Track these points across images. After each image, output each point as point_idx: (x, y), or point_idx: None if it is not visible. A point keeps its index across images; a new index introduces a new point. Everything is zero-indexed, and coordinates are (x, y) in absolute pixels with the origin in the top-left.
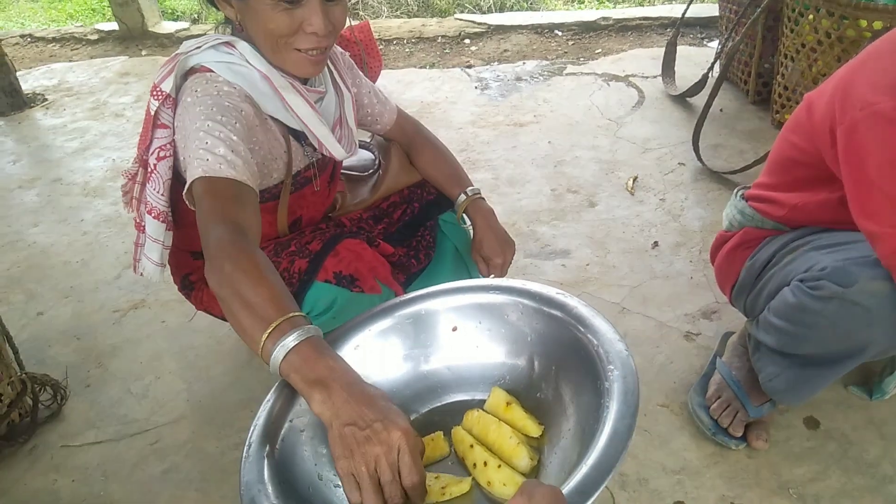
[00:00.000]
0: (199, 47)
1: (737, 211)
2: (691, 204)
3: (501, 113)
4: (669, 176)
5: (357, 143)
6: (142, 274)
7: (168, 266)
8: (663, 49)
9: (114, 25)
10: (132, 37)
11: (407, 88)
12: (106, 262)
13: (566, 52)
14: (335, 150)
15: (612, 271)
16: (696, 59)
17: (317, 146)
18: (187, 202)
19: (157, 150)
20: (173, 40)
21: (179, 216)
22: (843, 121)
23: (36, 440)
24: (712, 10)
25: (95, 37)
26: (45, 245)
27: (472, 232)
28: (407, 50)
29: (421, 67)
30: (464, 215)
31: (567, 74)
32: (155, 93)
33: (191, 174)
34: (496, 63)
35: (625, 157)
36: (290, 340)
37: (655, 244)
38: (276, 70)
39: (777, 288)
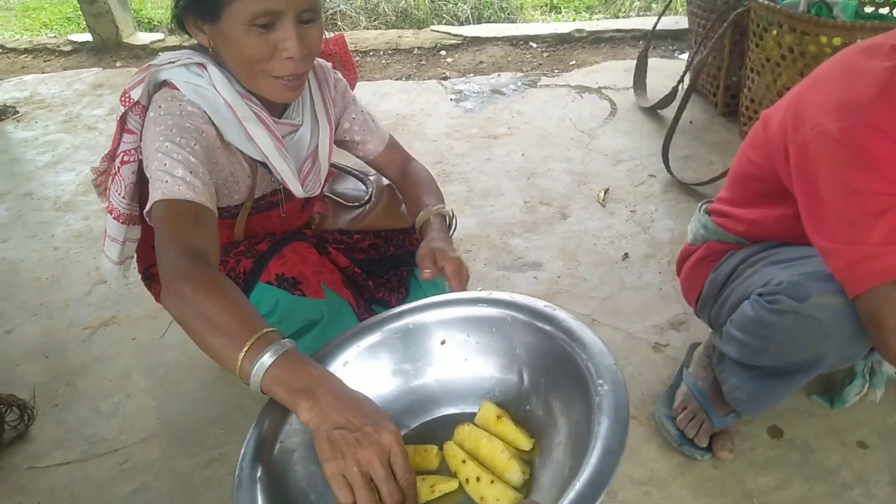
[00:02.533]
0: (172, 62)
1: (700, 225)
2: (661, 215)
3: (476, 125)
4: (640, 188)
5: (323, 182)
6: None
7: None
8: (635, 61)
9: (87, 37)
10: (106, 48)
11: (383, 100)
12: (76, 278)
13: (541, 64)
14: (294, 187)
15: (583, 283)
16: (668, 72)
17: (279, 179)
18: (147, 220)
19: (122, 154)
20: (148, 52)
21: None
22: (794, 139)
23: (1, 462)
24: (683, 22)
25: (69, 48)
26: (14, 261)
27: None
28: (383, 62)
29: (397, 79)
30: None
31: (541, 86)
32: (124, 98)
33: (152, 195)
34: (472, 75)
35: (597, 169)
36: (268, 357)
37: (626, 256)
38: (242, 100)
39: (738, 301)
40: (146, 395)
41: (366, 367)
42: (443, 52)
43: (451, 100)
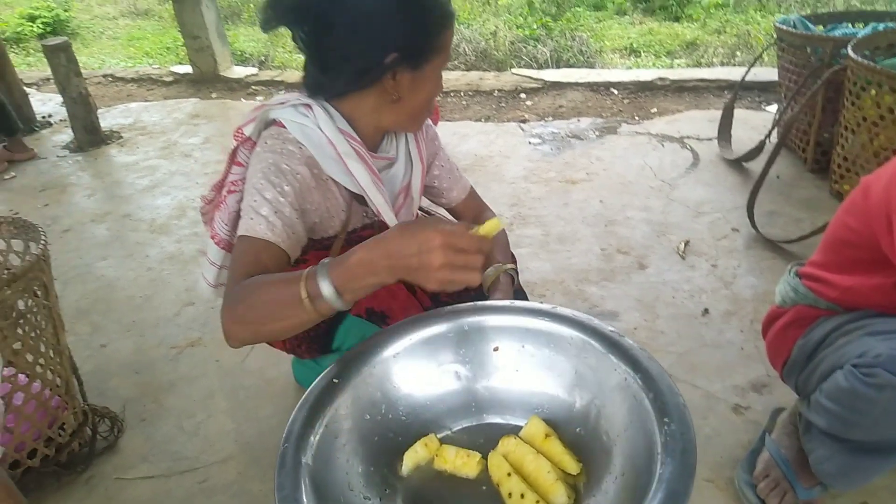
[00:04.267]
0: (282, 103)
1: (790, 288)
2: (744, 272)
3: (554, 169)
4: (722, 242)
5: (417, 213)
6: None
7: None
8: (720, 111)
9: (188, 69)
10: (204, 80)
11: (462, 141)
12: (167, 298)
13: (621, 111)
14: (389, 218)
15: (661, 336)
16: (754, 123)
17: (375, 211)
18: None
19: (229, 184)
20: (242, 84)
21: None
22: None
23: (93, 470)
24: (771, 74)
25: (170, 78)
26: (111, 279)
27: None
28: (464, 102)
29: (476, 120)
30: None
31: (621, 133)
32: (237, 134)
33: (239, 227)
34: (551, 119)
35: (677, 220)
36: (322, 273)
37: (706, 311)
38: (343, 137)
39: (830, 370)
40: (226, 417)
41: (415, 362)
42: (522, 95)
43: (529, 143)
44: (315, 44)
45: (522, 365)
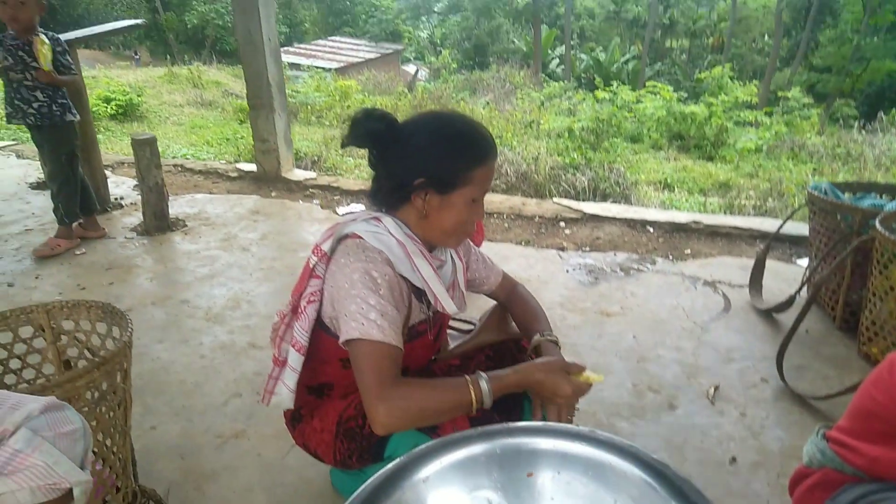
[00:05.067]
0: (354, 219)
1: (817, 450)
2: (772, 423)
3: (590, 299)
4: (751, 391)
5: (466, 303)
6: (268, 403)
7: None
8: (751, 259)
9: (253, 167)
10: (266, 179)
11: (503, 262)
12: (217, 387)
13: (656, 249)
14: (448, 305)
15: None
16: (784, 275)
17: (433, 301)
18: (343, 347)
19: (308, 295)
20: (301, 186)
21: (307, 352)
22: None
23: None
24: (802, 228)
25: (235, 174)
26: (166, 362)
27: None
28: (506, 225)
29: (517, 243)
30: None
31: (656, 271)
32: (316, 251)
33: (347, 331)
34: (588, 249)
35: (707, 364)
36: (483, 381)
37: (733, 460)
38: (410, 240)
39: None
40: None
41: (445, 487)
42: (562, 224)
43: (567, 271)
44: (376, 163)
45: (557, 493)
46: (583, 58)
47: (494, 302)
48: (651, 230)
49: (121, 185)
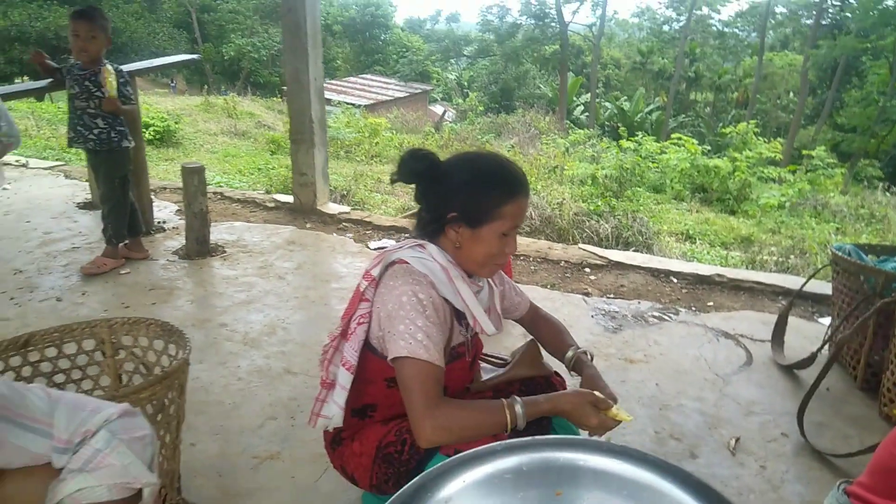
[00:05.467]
0: (400, 247)
1: None
2: (792, 478)
3: (614, 346)
4: (772, 444)
5: (502, 325)
6: (315, 425)
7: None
8: (773, 314)
9: (289, 199)
10: (302, 211)
11: None
12: (252, 409)
13: (679, 299)
14: (486, 326)
15: None
16: (806, 333)
17: (472, 323)
18: (391, 364)
19: (358, 317)
20: (335, 220)
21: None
22: None
23: None
24: (824, 287)
25: (272, 205)
26: (205, 382)
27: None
28: (532, 267)
29: (543, 286)
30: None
31: (679, 321)
32: (366, 276)
33: (395, 349)
34: (612, 296)
35: (728, 416)
36: (518, 405)
37: None
38: (452, 265)
39: None
40: None
41: None
42: (587, 269)
43: (591, 316)
44: (420, 197)
45: None
46: (607, 106)
47: (519, 340)
48: (674, 281)
49: (163, 210)
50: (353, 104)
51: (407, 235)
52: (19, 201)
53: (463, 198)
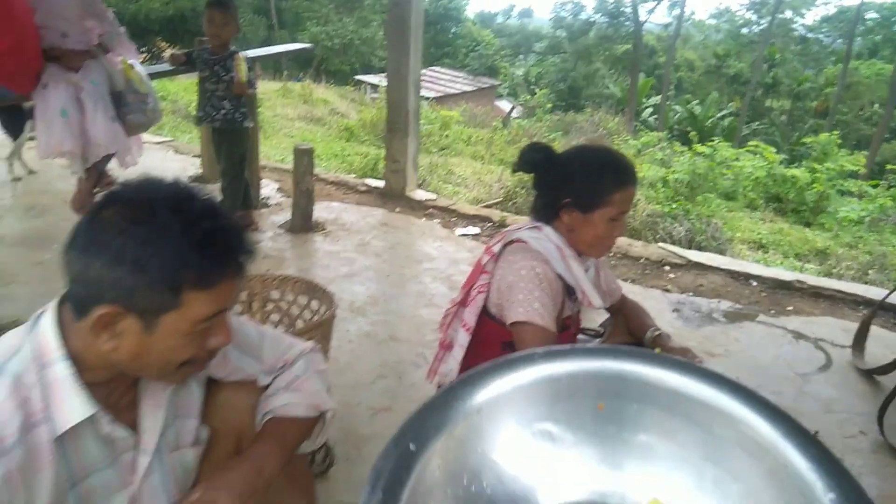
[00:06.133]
0: (519, 228)
1: None
2: (868, 472)
3: (694, 339)
4: (849, 440)
5: (608, 300)
6: (432, 380)
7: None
8: (854, 322)
9: (380, 184)
10: (392, 196)
11: None
12: (364, 368)
13: (758, 302)
14: (595, 299)
15: None
16: (888, 342)
17: (580, 297)
18: (509, 329)
19: (479, 287)
20: (422, 206)
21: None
22: None
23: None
24: None
25: (364, 188)
26: None
27: None
28: (612, 262)
29: (623, 280)
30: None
31: (758, 322)
32: (488, 251)
33: (514, 315)
34: (691, 294)
35: (807, 411)
36: None
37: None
38: (566, 246)
39: None
40: None
41: (502, 420)
42: (666, 268)
43: (672, 311)
44: (536, 185)
45: (637, 430)
46: (677, 109)
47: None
48: (753, 284)
49: (265, 188)
50: (422, 96)
51: (490, 224)
52: (137, 173)
53: (577, 185)
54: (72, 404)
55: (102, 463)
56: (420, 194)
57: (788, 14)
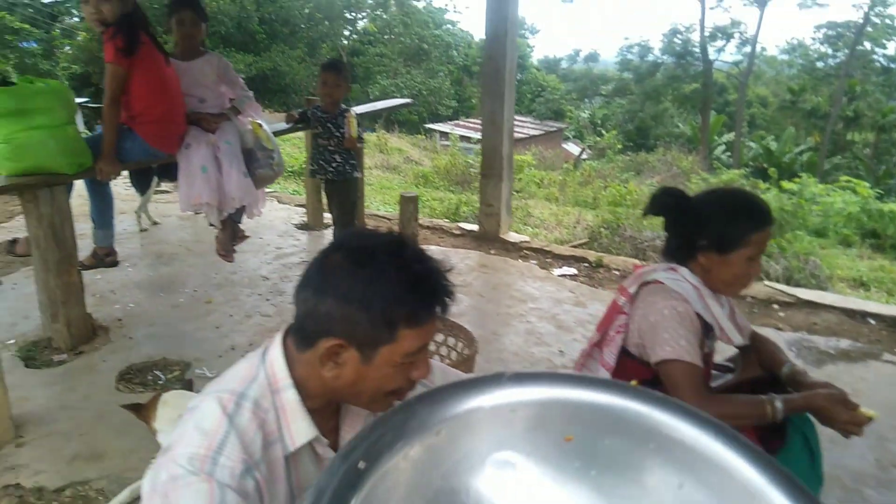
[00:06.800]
0: (654, 270)
1: None
2: None
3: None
4: None
5: (747, 336)
6: None
7: None
8: None
9: (474, 227)
10: (486, 238)
11: None
12: None
13: (879, 340)
14: (734, 336)
15: None
16: None
17: (719, 334)
18: (655, 367)
19: (616, 327)
20: (516, 248)
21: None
22: None
23: None
24: None
25: (458, 232)
26: None
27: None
28: None
29: None
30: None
31: (884, 361)
32: (623, 292)
33: (661, 353)
34: (805, 332)
35: None
36: (778, 401)
37: None
38: (703, 285)
39: None
40: None
41: (462, 443)
42: (775, 306)
43: (788, 349)
44: (669, 227)
45: (607, 468)
46: (751, 146)
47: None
48: (872, 322)
49: None
50: None
51: (587, 265)
52: (250, 221)
53: (714, 227)
54: (299, 427)
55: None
56: (514, 236)
57: (867, 46)
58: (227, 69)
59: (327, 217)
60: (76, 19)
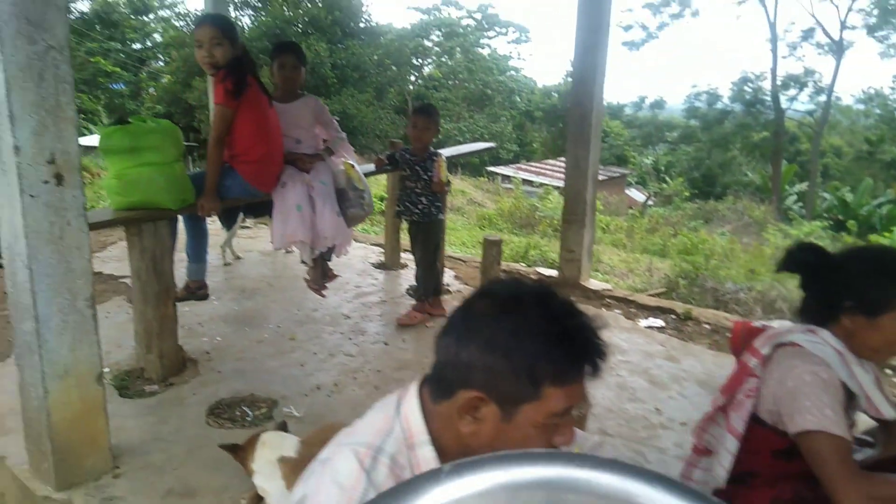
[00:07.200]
0: (790, 331)
1: None
2: None
3: None
4: None
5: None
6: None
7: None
8: None
9: (553, 272)
10: (566, 285)
11: None
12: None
13: None
14: (886, 409)
15: None
16: None
17: (865, 405)
18: (796, 440)
19: (746, 391)
20: (598, 295)
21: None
22: None
23: None
24: None
25: (535, 276)
26: None
27: None
28: None
29: None
30: None
31: None
32: (755, 354)
33: (801, 423)
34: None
35: None
36: None
37: None
38: (847, 350)
39: None
40: None
41: None
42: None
43: None
44: (805, 286)
45: None
46: (825, 197)
47: None
48: None
49: (445, 275)
50: (552, 185)
51: (675, 317)
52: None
53: (861, 288)
54: None
55: None
56: (595, 283)
57: None
58: (323, 111)
59: (404, 257)
60: (161, 63)
